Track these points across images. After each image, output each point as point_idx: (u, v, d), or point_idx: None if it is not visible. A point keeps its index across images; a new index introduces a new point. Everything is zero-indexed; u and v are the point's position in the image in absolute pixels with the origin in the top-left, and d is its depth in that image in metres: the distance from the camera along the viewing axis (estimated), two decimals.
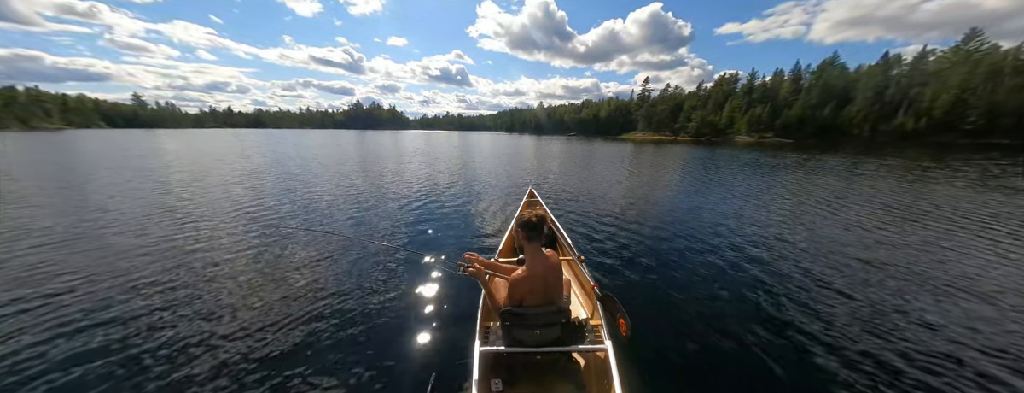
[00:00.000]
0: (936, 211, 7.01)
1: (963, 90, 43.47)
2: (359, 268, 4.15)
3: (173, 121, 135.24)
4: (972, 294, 3.55)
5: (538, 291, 1.87)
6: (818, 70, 57.38)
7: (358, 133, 79.87)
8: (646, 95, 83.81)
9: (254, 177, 11.32)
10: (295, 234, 5.37)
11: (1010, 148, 28.58)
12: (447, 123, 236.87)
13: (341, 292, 3.53)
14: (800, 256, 4.62)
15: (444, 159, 18.76)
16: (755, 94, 61.47)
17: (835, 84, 53.22)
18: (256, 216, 6.54)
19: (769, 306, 3.31)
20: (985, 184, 10.08)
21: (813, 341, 2.79)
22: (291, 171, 12.80)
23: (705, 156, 22.00)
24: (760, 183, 10.70)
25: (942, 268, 4.20)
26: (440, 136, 70.64)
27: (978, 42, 46.85)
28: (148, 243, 4.91)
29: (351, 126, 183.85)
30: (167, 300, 3.36)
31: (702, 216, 6.73)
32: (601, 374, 2.00)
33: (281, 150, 23.17)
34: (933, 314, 3.16)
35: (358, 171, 13.33)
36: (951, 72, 45.36)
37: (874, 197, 8.48)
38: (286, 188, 9.46)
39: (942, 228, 5.86)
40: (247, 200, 7.89)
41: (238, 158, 17.31)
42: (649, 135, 71.08)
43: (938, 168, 13.82)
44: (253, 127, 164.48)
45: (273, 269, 4.09)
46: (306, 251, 4.63)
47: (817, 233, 5.65)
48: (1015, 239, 5.29)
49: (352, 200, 8.08)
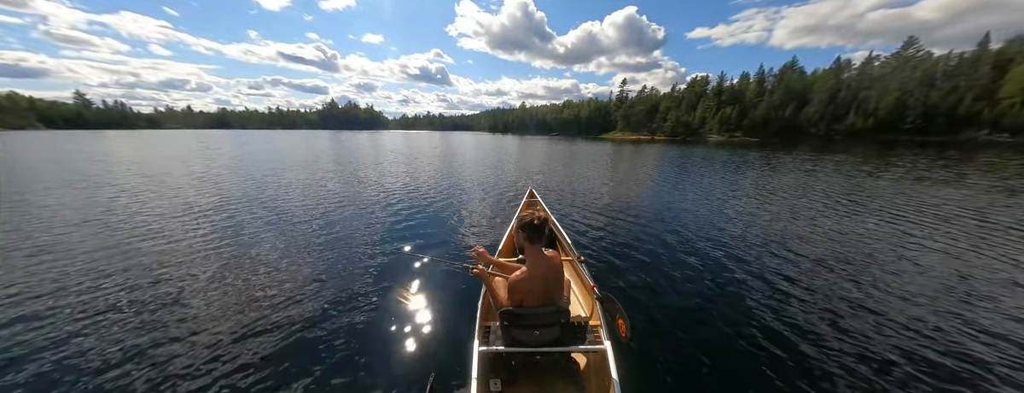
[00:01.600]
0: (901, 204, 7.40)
1: (903, 93, 48.45)
2: (358, 269, 4.15)
3: (124, 122, 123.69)
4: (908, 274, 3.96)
5: (538, 292, 1.88)
6: (780, 74, 61.98)
7: (333, 134, 76.45)
8: (624, 96, 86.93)
9: (241, 179, 11.10)
10: (293, 236, 5.34)
11: (941, 145, 32.44)
12: (428, 123, 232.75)
13: (340, 293, 3.54)
14: (798, 255, 4.65)
15: (434, 160, 18.58)
16: (724, 96, 65.44)
17: (795, 87, 57.76)
18: (253, 218, 6.52)
19: (768, 305, 3.33)
20: (918, 177, 11.48)
21: (813, 340, 2.81)
22: (282, 173, 12.64)
23: (684, 155, 22.55)
24: (748, 183, 11.00)
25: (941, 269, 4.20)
26: (422, 137, 68.94)
27: (914, 49, 52.26)
28: (161, 259, 4.55)
29: (326, 126, 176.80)
30: (172, 301, 3.39)
31: (701, 217, 6.76)
32: (600, 374, 2.00)
33: (256, 153, 21.71)
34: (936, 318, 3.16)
35: (350, 172, 13.14)
36: (892, 76, 50.39)
37: (848, 196, 8.68)
38: (281, 188, 9.41)
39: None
40: (241, 202, 7.79)
41: (217, 161, 16.33)
42: (628, 135, 73.98)
43: (881, 164, 15.67)
44: (217, 127, 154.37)
45: (272, 271, 4.10)
46: (304, 253, 4.62)
47: (805, 232, 5.71)
48: (938, 224, 6.16)
49: (346, 202, 7.88)
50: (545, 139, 60.44)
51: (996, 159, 17.65)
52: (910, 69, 49.60)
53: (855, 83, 54.06)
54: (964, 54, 48.05)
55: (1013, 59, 43.61)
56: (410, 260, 4.40)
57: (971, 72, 45.73)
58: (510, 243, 3.74)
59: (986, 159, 17.58)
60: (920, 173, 12.58)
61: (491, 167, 15.78)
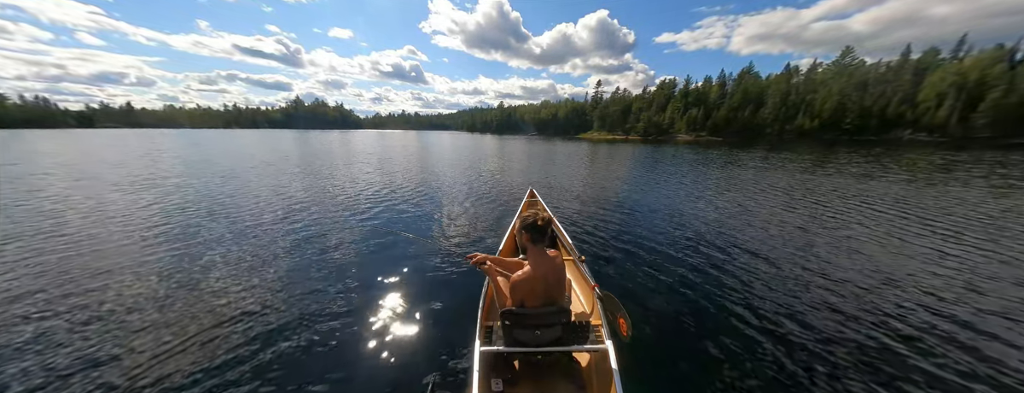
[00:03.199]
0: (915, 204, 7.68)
1: (842, 97, 54.37)
2: (357, 269, 4.17)
3: (49, 120, 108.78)
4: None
5: (539, 292, 1.89)
6: (738, 78, 67.33)
7: (300, 133, 71.19)
8: (599, 97, 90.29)
9: (240, 178, 11.04)
10: (290, 237, 5.36)
11: (872, 143, 37.26)
12: (403, 122, 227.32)
13: (341, 293, 3.57)
14: (795, 254, 4.71)
15: (423, 161, 18.44)
16: (690, 98, 70.02)
17: (751, 90, 63.02)
18: (251, 215, 6.61)
19: (769, 305, 3.33)
20: (852, 173, 13.70)
21: (812, 340, 2.81)
22: (258, 175, 12.31)
23: (658, 154, 23.32)
24: (731, 181, 11.48)
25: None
26: (398, 136, 66.66)
27: (851, 57, 58.75)
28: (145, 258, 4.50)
29: (291, 125, 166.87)
30: (183, 302, 3.39)
31: (699, 216, 6.84)
32: (602, 374, 2.02)
33: (215, 155, 19.98)
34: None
35: (343, 173, 12.96)
36: (833, 82, 56.38)
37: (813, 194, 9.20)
38: (274, 189, 9.40)
39: None
40: (237, 202, 7.72)
41: (166, 164, 15.14)
42: (604, 135, 77.16)
43: (828, 161, 17.82)
44: (164, 126, 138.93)
45: (273, 269, 4.15)
46: (300, 255, 4.66)
47: (793, 231, 5.81)
48: (866, 213, 7.00)
49: (339, 204, 7.74)
50: (524, 139, 60.79)
51: (915, 156, 20.94)
52: (847, 75, 55.78)
53: (803, 87, 59.94)
54: (890, 63, 54.86)
55: (928, 68, 50.41)
56: (410, 261, 4.40)
57: (896, 79, 52.33)
58: (510, 244, 3.75)
59: (909, 157, 20.75)
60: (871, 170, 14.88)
61: (478, 166, 15.84)
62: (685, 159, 20.17)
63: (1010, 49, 47.83)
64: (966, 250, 4.94)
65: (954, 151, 24.60)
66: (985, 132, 43.13)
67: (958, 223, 6.29)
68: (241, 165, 14.78)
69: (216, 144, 30.76)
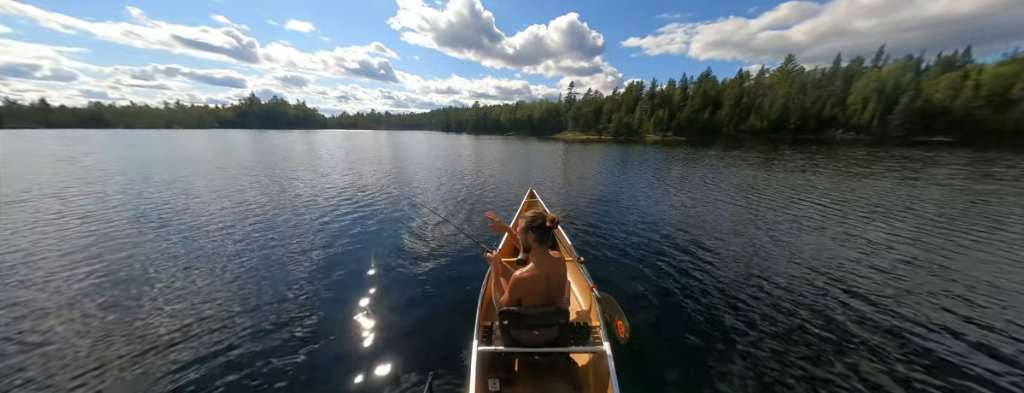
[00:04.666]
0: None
1: (787, 100, 60.91)
2: (356, 268, 4.16)
3: None
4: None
5: (539, 292, 1.90)
6: (698, 81, 72.94)
7: (256, 134, 64.74)
8: (572, 98, 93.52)
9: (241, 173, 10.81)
10: (287, 237, 5.36)
11: (812, 141, 42.57)
12: (373, 121, 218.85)
13: (338, 292, 3.58)
14: (793, 253, 4.74)
15: (409, 162, 18.19)
16: (656, 100, 74.82)
17: (710, 93, 68.72)
18: (243, 215, 6.60)
19: (768, 305, 3.36)
20: (793, 168, 15.96)
21: (812, 339, 2.84)
22: (263, 175, 12.22)
23: (633, 154, 24.13)
24: (729, 180, 11.96)
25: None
26: (368, 137, 63.57)
27: (793, 65, 65.84)
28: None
29: (245, 125, 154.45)
30: (172, 298, 3.40)
31: (696, 216, 6.88)
32: (599, 375, 2.04)
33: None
34: None
35: (334, 174, 12.91)
36: (779, 86, 62.97)
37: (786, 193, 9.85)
38: (268, 191, 9.24)
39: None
40: (232, 203, 7.67)
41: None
42: (578, 135, 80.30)
43: (772, 158, 20.55)
44: (89, 126, 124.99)
45: (267, 268, 4.15)
46: (297, 253, 4.66)
47: (781, 230, 5.91)
48: (801, 201, 8.11)
49: (333, 205, 7.68)
50: (501, 139, 61.22)
51: (847, 153, 24.69)
52: (790, 81, 62.57)
53: (753, 91, 66.33)
54: (825, 70, 62.24)
55: (855, 75, 57.95)
56: (407, 260, 4.43)
57: (829, 84, 59.57)
58: (509, 244, 3.73)
59: (843, 154, 24.48)
60: (792, 164, 17.68)
61: (459, 166, 15.88)
62: (659, 159, 20.77)
63: (917, 60, 56.30)
64: (897, 229, 5.86)
65: (875, 147, 29.34)
66: (898, 131, 50.62)
67: (878, 208, 7.53)
68: (192, 169, 13.39)
69: (154, 146, 27.28)
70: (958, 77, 48.69)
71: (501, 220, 2.89)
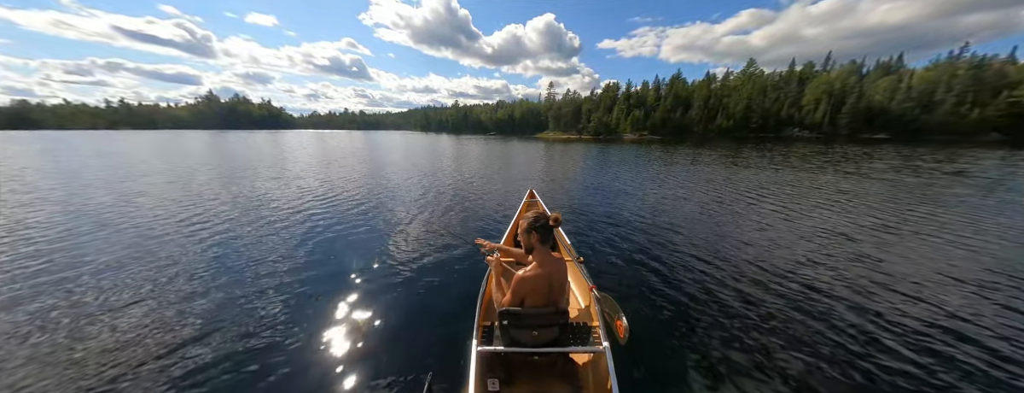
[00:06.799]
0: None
1: (749, 100, 65.82)
2: (355, 268, 4.18)
3: None
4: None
5: (542, 291, 1.91)
6: (670, 83, 76.99)
7: (215, 135, 59.92)
8: (552, 98, 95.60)
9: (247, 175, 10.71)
10: (283, 236, 5.40)
11: (772, 139, 46.67)
12: (346, 121, 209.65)
13: (337, 292, 3.59)
14: (792, 253, 4.75)
15: (403, 163, 18.09)
16: (632, 100, 78.24)
17: (681, 94, 72.92)
18: (242, 216, 6.59)
19: (767, 306, 3.37)
20: (755, 165, 18.59)
21: (811, 338, 2.85)
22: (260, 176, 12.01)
23: (615, 152, 24.62)
24: (719, 178, 12.21)
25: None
26: (341, 137, 60.19)
27: (754, 68, 71.13)
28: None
29: (203, 125, 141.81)
30: (167, 303, 3.38)
31: (695, 216, 6.90)
32: (598, 375, 2.05)
33: None
34: None
35: (330, 173, 12.80)
36: (742, 88, 67.87)
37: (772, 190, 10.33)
38: (264, 193, 9.13)
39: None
40: (234, 203, 7.74)
41: None
42: (559, 134, 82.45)
43: (740, 155, 22.75)
44: (12, 128, 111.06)
45: (267, 268, 4.16)
46: (297, 254, 4.64)
47: (776, 228, 6.00)
48: (764, 196, 8.72)
49: (330, 205, 7.64)
50: (483, 139, 60.55)
51: (802, 150, 27.55)
52: (752, 83, 67.64)
53: (720, 92, 71.04)
54: (782, 73, 67.73)
55: (807, 78, 63.63)
56: (407, 260, 4.44)
57: (786, 86, 65.02)
58: (509, 244, 3.76)
59: (797, 151, 27.36)
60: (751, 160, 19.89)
61: (447, 166, 15.93)
62: (639, 156, 21.52)
63: (859, 64, 62.72)
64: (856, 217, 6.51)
65: (826, 145, 32.92)
66: (846, 130, 56.31)
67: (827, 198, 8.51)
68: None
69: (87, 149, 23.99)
70: (894, 80, 55.02)
71: (490, 242, 2.66)
